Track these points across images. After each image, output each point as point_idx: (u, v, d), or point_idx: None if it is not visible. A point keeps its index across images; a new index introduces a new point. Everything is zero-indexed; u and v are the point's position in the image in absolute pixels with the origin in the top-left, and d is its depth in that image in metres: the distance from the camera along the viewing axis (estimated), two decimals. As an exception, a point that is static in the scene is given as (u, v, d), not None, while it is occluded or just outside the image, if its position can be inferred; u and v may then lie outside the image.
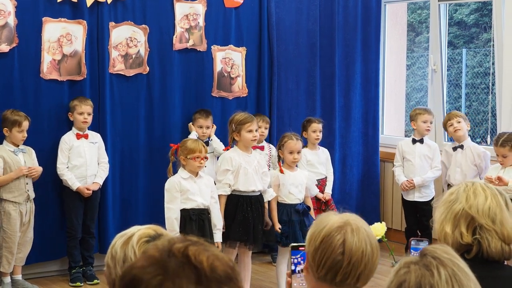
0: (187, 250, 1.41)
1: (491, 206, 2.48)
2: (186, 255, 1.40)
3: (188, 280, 1.37)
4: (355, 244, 2.17)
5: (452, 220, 2.50)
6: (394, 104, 8.17)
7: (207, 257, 1.41)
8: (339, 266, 2.17)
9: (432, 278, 1.67)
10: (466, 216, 2.48)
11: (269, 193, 5.65)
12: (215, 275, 1.39)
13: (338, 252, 2.16)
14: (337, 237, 2.17)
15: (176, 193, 5.16)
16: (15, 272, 5.74)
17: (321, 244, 2.18)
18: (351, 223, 2.20)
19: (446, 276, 1.67)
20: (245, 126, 5.49)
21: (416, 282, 1.67)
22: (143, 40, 6.23)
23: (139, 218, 6.14)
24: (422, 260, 1.71)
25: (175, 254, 1.41)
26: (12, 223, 5.61)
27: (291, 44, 6.89)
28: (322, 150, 6.61)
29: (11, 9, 5.75)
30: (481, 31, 9.89)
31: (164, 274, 1.38)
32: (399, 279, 1.70)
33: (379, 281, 6.10)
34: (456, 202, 2.53)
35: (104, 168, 6.02)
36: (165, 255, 1.41)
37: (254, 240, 5.52)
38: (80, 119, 5.86)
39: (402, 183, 6.52)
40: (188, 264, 1.39)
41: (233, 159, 5.47)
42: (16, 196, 5.62)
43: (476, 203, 2.49)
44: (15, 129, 5.58)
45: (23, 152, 5.68)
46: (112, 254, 2.22)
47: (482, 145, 7.47)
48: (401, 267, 1.72)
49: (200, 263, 1.39)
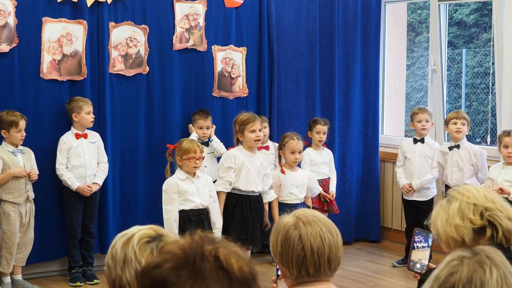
0: (218, 253, 1.41)
1: (486, 194, 2.60)
2: (217, 258, 1.40)
3: (221, 285, 1.37)
4: (310, 235, 2.27)
5: (457, 214, 2.57)
6: (394, 104, 8.17)
7: (236, 260, 1.41)
8: (305, 259, 2.26)
9: (484, 275, 1.68)
10: (469, 206, 2.57)
11: (269, 195, 5.64)
12: (243, 278, 1.40)
13: (299, 247, 2.26)
14: (293, 235, 2.28)
15: (174, 195, 5.15)
16: (15, 272, 5.74)
17: (282, 248, 2.29)
18: (301, 218, 2.31)
19: (497, 276, 1.68)
20: (247, 126, 5.50)
21: (468, 275, 1.68)
22: (143, 40, 6.23)
23: (139, 218, 6.14)
24: (476, 257, 1.73)
25: (207, 257, 1.40)
26: (12, 224, 5.61)
27: (291, 44, 6.89)
28: (326, 151, 6.61)
29: (11, 9, 5.75)
30: (481, 31, 9.89)
31: (195, 277, 1.37)
32: (451, 269, 1.71)
33: (379, 281, 6.12)
34: (452, 202, 2.61)
35: (104, 168, 6.01)
36: (198, 258, 1.39)
37: (253, 240, 5.52)
38: (89, 119, 5.86)
39: (403, 186, 6.52)
40: (220, 269, 1.39)
41: (236, 157, 5.47)
42: (16, 197, 5.62)
43: (472, 195, 2.60)
44: (13, 129, 5.58)
45: (22, 153, 5.68)
46: (113, 254, 2.22)
47: (482, 145, 7.47)
48: (454, 259, 1.74)
49: (231, 267, 1.40)
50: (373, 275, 6.28)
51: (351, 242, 7.14)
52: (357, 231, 7.31)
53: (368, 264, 6.62)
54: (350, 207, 7.24)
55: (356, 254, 6.86)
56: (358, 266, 6.52)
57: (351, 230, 7.18)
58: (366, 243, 7.29)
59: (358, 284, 6.00)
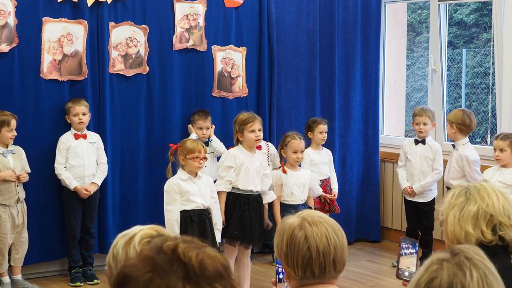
0: (177, 247, 1.44)
1: (505, 205, 2.59)
2: (175, 251, 1.43)
3: (177, 276, 1.39)
4: (316, 235, 2.27)
5: (471, 220, 2.57)
6: (394, 104, 8.16)
7: (197, 254, 1.43)
8: (311, 260, 2.26)
9: (464, 278, 1.67)
10: (485, 215, 2.57)
11: (269, 195, 5.64)
12: (205, 272, 1.41)
13: (305, 248, 2.26)
14: (298, 235, 2.28)
15: (175, 195, 5.14)
16: (14, 272, 5.73)
17: (287, 248, 2.28)
18: (307, 218, 2.31)
19: (478, 278, 1.68)
20: (247, 126, 5.49)
21: (448, 280, 1.67)
22: (143, 40, 6.23)
23: (139, 218, 6.14)
24: (455, 259, 1.71)
25: (164, 251, 1.44)
26: (3, 225, 5.59)
27: (291, 44, 6.88)
28: (325, 151, 6.60)
29: (11, 9, 5.75)
30: (481, 31, 9.89)
31: (153, 270, 1.40)
32: (431, 275, 1.70)
33: (379, 281, 6.12)
34: (470, 203, 2.60)
35: (103, 169, 6.01)
36: (155, 252, 1.44)
37: (251, 239, 5.51)
38: (76, 121, 5.85)
39: (405, 189, 6.51)
40: (176, 261, 1.41)
41: (236, 156, 5.47)
42: (6, 199, 5.60)
43: (492, 203, 2.59)
44: (4, 129, 5.57)
45: (13, 153, 5.66)
46: (114, 254, 2.21)
47: (482, 145, 7.47)
48: (433, 263, 1.73)
49: (189, 260, 1.41)
50: (373, 275, 6.28)
51: (351, 242, 7.14)
52: (357, 231, 7.31)
53: (368, 264, 6.62)
54: (350, 207, 7.24)
55: (356, 254, 6.86)
56: (358, 266, 6.52)
57: (351, 230, 7.17)
58: (366, 243, 7.29)
59: (358, 284, 6.00)
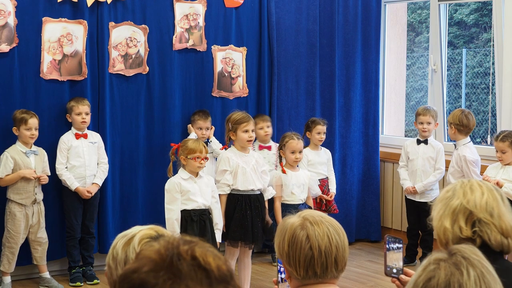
0: (194, 252, 1.40)
1: (488, 201, 2.53)
2: (194, 257, 1.39)
3: (201, 283, 1.36)
4: (318, 235, 2.26)
5: (451, 215, 2.54)
6: (394, 104, 8.16)
7: (213, 258, 1.41)
8: (313, 259, 2.25)
9: (461, 277, 1.68)
10: (464, 211, 2.52)
11: (268, 192, 5.64)
12: (222, 275, 1.39)
13: (306, 247, 2.26)
14: (300, 235, 2.27)
15: (176, 194, 5.14)
16: (41, 270, 5.83)
17: (289, 247, 2.28)
18: (308, 218, 2.31)
19: (475, 277, 1.68)
20: (241, 126, 5.48)
21: (445, 279, 1.68)
22: (143, 40, 6.23)
23: (139, 218, 6.14)
24: (452, 259, 1.72)
25: (183, 257, 1.39)
26: (16, 224, 5.61)
27: (291, 44, 6.89)
28: (324, 151, 6.60)
29: (11, 9, 5.75)
30: (481, 31, 9.89)
31: (174, 277, 1.36)
32: (428, 274, 1.71)
33: (379, 281, 6.12)
34: (453, 198, 2.57)
35: (104, 169, 6.01)
36: (175, 258, 1.38)
37: (253, 239, 5.51)
38: (79, 120, 5.85)
39: (407, 188, 6.51)
40: (199, 267, 1.38)
41: (230, 159, 5.47)
42: (23, 198, 5.62)
43: (473, 198, 2.54)
44: (22, 127, 5.60)
45: (35, 154, 5.68)
46: (114, 255, 2.21)
47: (482, 145, 7.47)
48: (430, 263, 1.73)
49: (209, 265, 1.39)
50: (373, 275, 6.28)
51: (352, 242, 7.14)
52: (358, 231, 7.31)
53: (368, 264, 6.62)
54: (351, 207, 7.24)
55: (357, 254, 6.86)
56: (358, 266, 6.52)
57: (351, 230, 7.18)
58: (367, 243, 7.29)
59: (358, 284, 6.00)
